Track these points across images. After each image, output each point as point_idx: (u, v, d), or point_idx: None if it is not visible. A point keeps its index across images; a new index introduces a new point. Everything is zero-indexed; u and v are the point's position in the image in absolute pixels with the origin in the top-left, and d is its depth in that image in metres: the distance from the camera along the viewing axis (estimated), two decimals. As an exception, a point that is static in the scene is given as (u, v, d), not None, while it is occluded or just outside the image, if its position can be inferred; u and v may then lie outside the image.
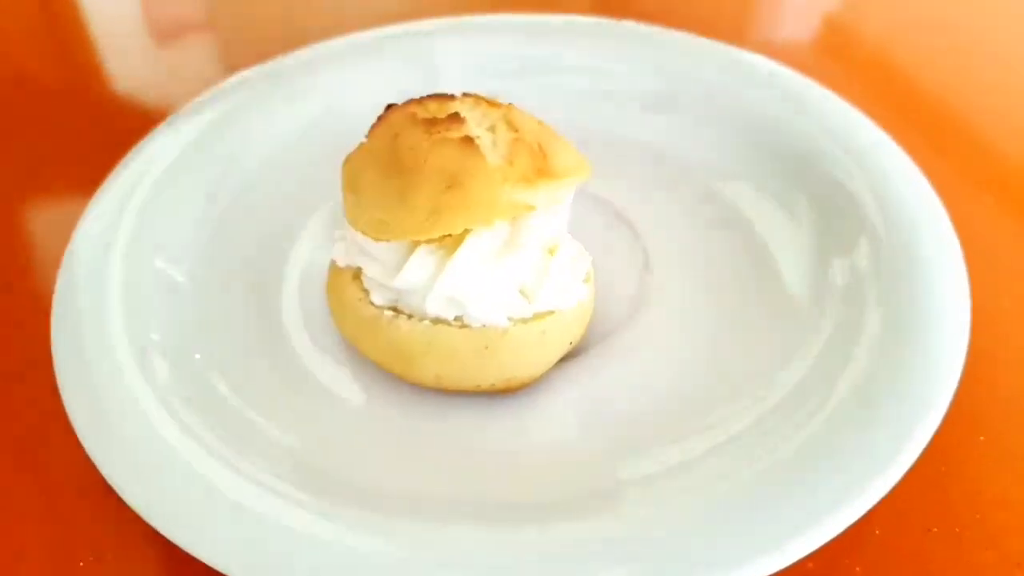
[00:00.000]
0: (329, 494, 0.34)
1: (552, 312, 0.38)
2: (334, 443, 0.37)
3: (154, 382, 0.37)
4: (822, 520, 0.31)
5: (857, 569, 0.34)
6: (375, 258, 0.37)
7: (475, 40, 0.55)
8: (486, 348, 0.37)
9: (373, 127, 0.38)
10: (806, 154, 0.47)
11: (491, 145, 0.36)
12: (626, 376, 0.40)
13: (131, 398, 0.36)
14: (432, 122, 0.36)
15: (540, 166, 0.35)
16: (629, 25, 0.56)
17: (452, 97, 0.38)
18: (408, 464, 0.37)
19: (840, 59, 0.66)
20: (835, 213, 0.44)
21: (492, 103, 0.38)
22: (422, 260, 0.36)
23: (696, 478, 0.35)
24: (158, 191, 0.46)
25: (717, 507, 0.32)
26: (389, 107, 0.40)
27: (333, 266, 0.41)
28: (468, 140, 0.35)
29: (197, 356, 0.39)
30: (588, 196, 0.46)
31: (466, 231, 0.35)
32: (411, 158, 0.35)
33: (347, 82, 0.54)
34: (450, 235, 0.35)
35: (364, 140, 0.39)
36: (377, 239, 0.36)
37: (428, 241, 0.36)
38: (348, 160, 0.39)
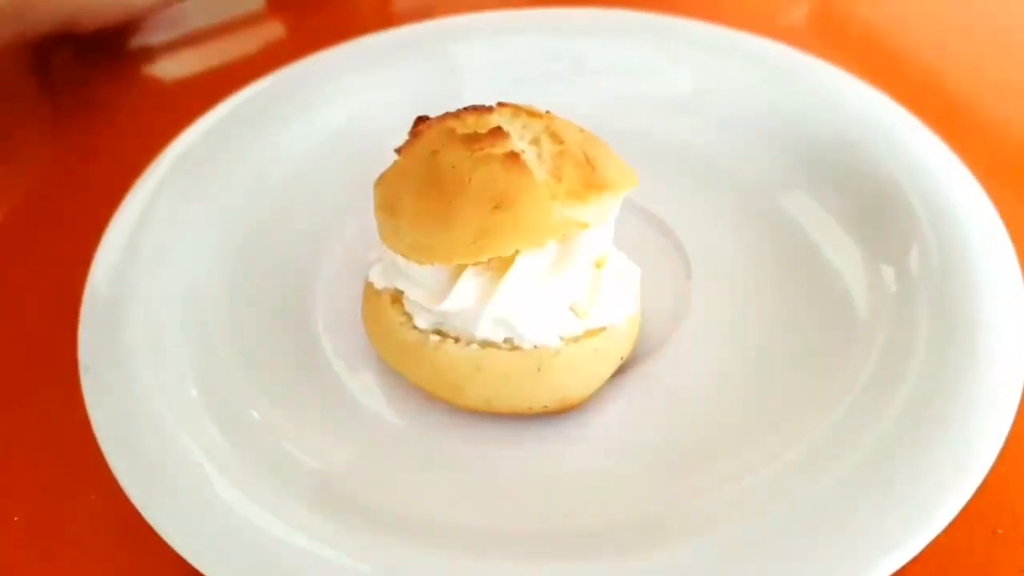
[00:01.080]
0: (371, 526, 0.34)
1: (603, 328, 0.37)
2: (376, 472, 0.36)
3: (202, 436, 0.36)
4: (889, 551, 0.30)
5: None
6: (418, 281, 0.36)
7: (497, 39, 0.53)
8: (539, 370, 0.35)
9: (407, 144, 0.37)
10: (851, 157, 0.46)
11: (536, 160, 0.34)
12: (676, 392, 0.39)
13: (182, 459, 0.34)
14: (473, 138, 0.34)
15: (589, 179, 0.34)
16: (663, 20, 0.54)
17: (490, 109, 0.36)
18: (453, 493, 0.36)
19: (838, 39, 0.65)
20: (885, 220, 0.42)
21: (532, 112, 0.36)
22: (470, 283, 0.35)
23: (750, 504, 0.33)
24: (173, 224, 0.44)
25: (775, 534, 0.32)
26: (420, 120, 0.38)
27: (369, 289, 0.39)
28: (513, 156, 0.33)
29: (255, 414, 0.38)
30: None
31: (515, 252, 0.34)
32: (453, 177, 0.34)
33: (364, 90, 0.52)
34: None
35: (397, 158, 0.37)
36: (420, 263, 0.35)
37: (475, 263, 0.34)
38: (382, 180, 0.37)
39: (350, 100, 0.51)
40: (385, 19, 0.58)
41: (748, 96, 0.50)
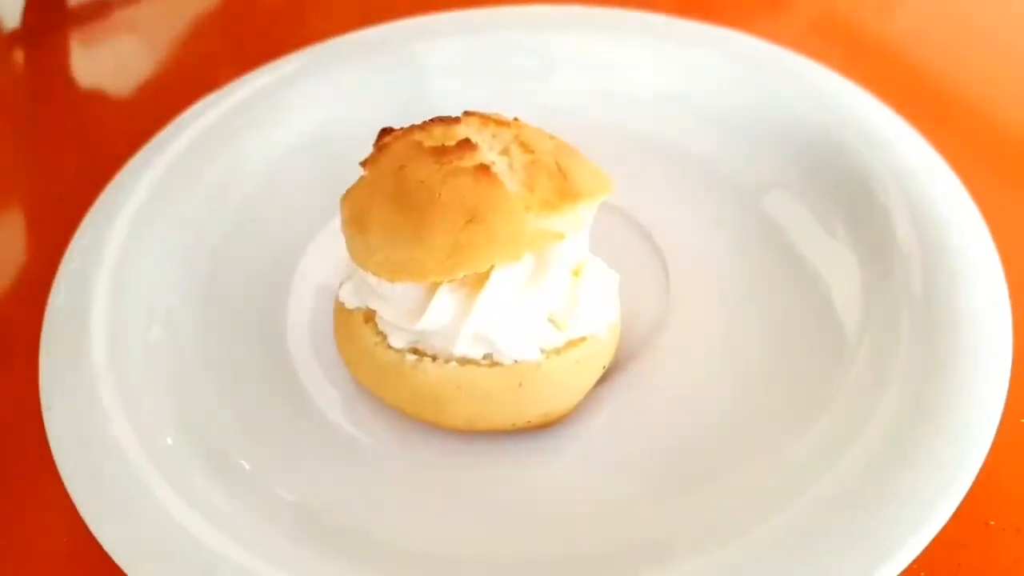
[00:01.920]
0: (352, 553, 0.33)
1: (585, 338, 0.36)
2: (355, 498, 0.35)
3: (163, 460, 0.34)
4: (884, 559, 0.29)
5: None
6: (390, 300, 0.35)
7: (466, 37, 0.52)
8: (520, 385, 0.35)
9: (372, 158, 0.36)
10: (834, 157, 0.45)
11: (508, 171, 0.33)
12: (659, 399, 0.38)
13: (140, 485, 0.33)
14: (441, 151, 0.33)
15: (562, 188, 0.33)
16: (641, 17, 0.52)
17: (457, 120, 0.35)
18: (437, 516, 0.35)
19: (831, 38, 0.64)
20: (868, 222, 0.42)
21: (500, 121, 0.35)
22: (445, 300, 0.34)
23: (742, 513, 0.33)
24: (139, 234, 0.42)
25: (767, 544, 0.31)
26: (385, 132, 0.37)
27: (340, 308, 0.38)
28: (484, 168, 0.32)
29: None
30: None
31: (491, 266, 0.33)
32: (423, 192, 0.33)
33: (329, 96, 0.50)
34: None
35: (363, 173, 0.36)
36: (392, 280, 0.34)
37: (449, 279, 0.33)
38: (348, 196, 0.36)
39: (314, 107, 0.50)
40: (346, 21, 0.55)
41: (727, 95, 0.49)
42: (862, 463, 0.33)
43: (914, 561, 0.30)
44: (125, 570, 0.30)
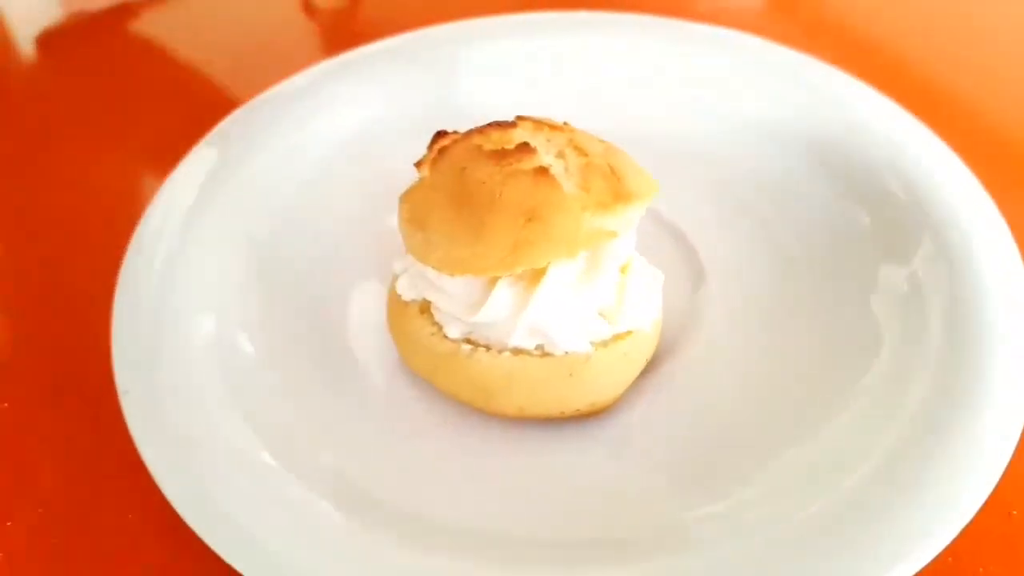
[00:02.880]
0: (409, 533, 0.34)
1: (630, 332, 0.38)
2: (407, 478, 0.37)
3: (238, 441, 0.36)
4: (914, 549, 0.31)
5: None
6: (449, 293, 0.37)
7: (505, 42, 0.54)
8: (570, 375, 0.37)
9: (431, 160, 0.38)
10: (861, 161, 0.47)
11: (564, 173, 0.35)
12: (695, 391, 0.40)
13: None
14: (501, 154, 0.35)
15: (616, 189, 0.35)
16: (678, 25, 0.55)
17: (513, 124, 0.37)
18: (490, 499, 0.36)
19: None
20: (896, 224, 0.44)
21: (554, 126, 0.37)
22: (504, 293, 0.36)
23: (776, 503, 0.35)
24: (188, 242, 0.44)
25: (800, 535, 0.33)
26: (439, 135, 0.39)
27: (395, 300, 0.40)
28: (542, 171, 0.34)
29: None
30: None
31: (547, 263, 0.35)
32: (484, 193, 0.35)
33: (376, 94, 0.53)
34: (529, 267, 0.35)
35: (419, 172, 0.38)
36: (453, 275, 0.36)
37: (508, 274, 0.35)
38: (408, 196, 0.38)
39: (362, 105, 0.52)
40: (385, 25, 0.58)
41: (757, 100, 0.51)
42: (889, 459, 0.35)
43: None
44: (191, 525, 0.33)
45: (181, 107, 0.61)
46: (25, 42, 0.69)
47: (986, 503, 0.33)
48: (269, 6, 0.73)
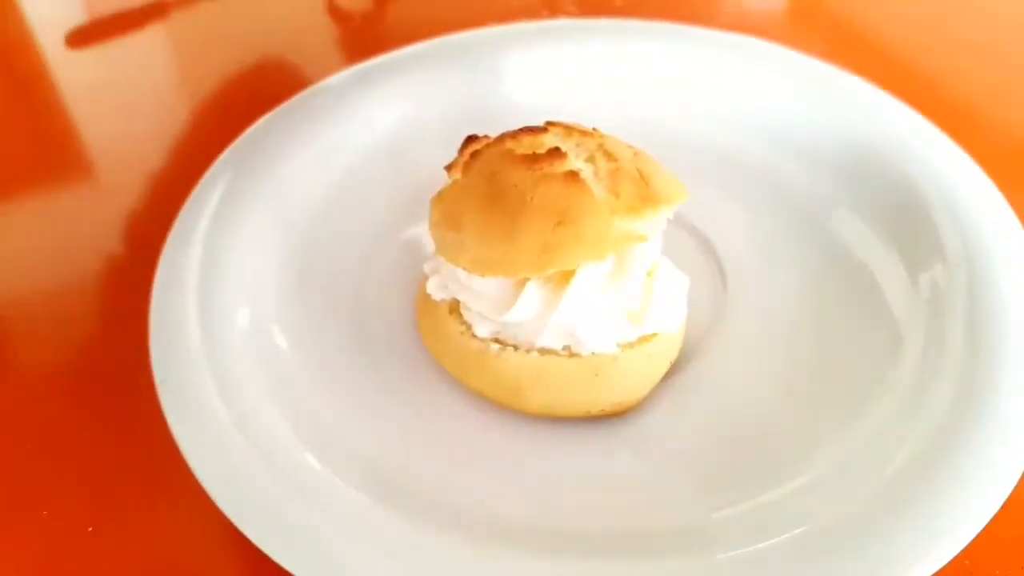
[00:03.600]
0: (439, 525, 0.35)
1: (656, 334, 0.39)
2: (437, 472, 0.38)
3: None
4: (932, 550, 0.32)
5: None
6: (480, 293, 0.38)
7: (539, 48, 0.56)
8: (596, 376, 0.37)
9: (464, 164, 0.39)
10: (886, 170, 0.48)
11: (594, 177, 0.36)
12: (719, 392, 0.41)
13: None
14: (532, 158, 0.36)
15: (644, 194, 0.36)
16: (710, 34, 0.56)
17: (544, 129, 0.38)
18: (505, 488, 0.37)
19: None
20: (918, 231, 0.44)
21: (583, 132, 0.38)
22: (533, 294, 0.36)
23: (797, 504, 0.35)
24: (223, 239, 0.45)
25: (822, 536, 0.33)
26: (471, 139, 0.40)
27: (425, 299, 0.41)
28: (573, 175, 0.35)
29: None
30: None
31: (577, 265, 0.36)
32: (516, 196, 0.35)
33: (409, 96, 0.54)
34: (559, 268, 0.36)
35: (449, 175, 0.39)
36: (484, 276, 0.37)
37: (538, 276, 0.36)
38: (440, 198, 0.39)
39: (394, 107, 0.53)
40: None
41: (782, 110, 0.52)
42: (909, 463, 0.35)
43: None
44: (226, 513, 0.34)
45: (214, 108, 0.62)
46: (50, 44, 0.70)
47: (1004, 507, 0.34)
48: (297, 8, 0.74)
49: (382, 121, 0.53)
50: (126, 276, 0.49)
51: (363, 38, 0.71)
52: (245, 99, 0.62)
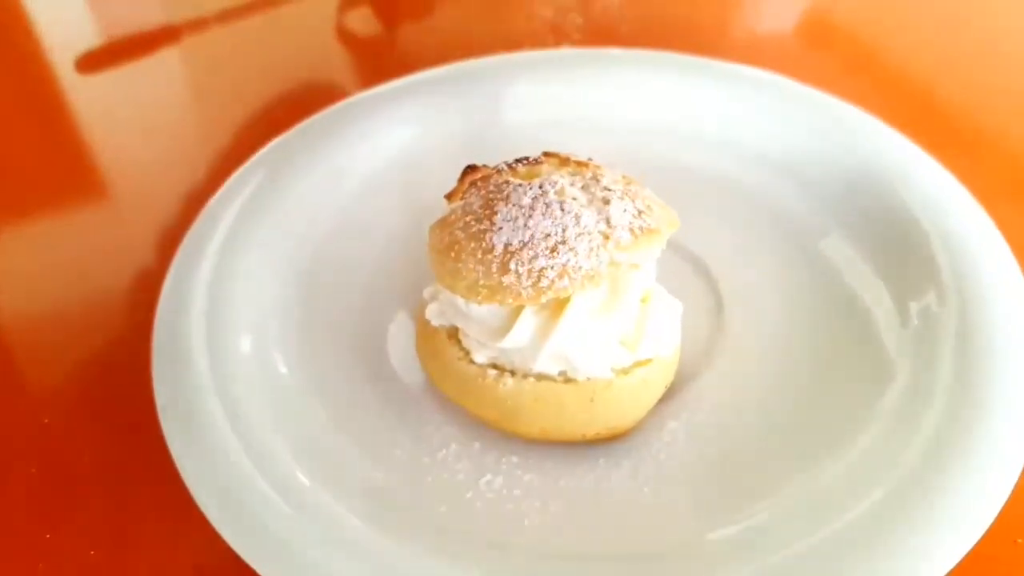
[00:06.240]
0: (434, 546, 0.36)
1: (650, 360, 0.39)
2: (431, 492, 0.39)
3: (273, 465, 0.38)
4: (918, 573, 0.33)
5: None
6: (477, 320, 0.39)
7: (537, 76, 0.57)
8: (591, 400, 0.38)
9: (462, 193, 0.39)
10: (877, 198, 0.49)
11: (587, 207, 0.37)
12: (712, 417, 0.42)
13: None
14: (528, 189, 0.37)
15: (637, 225, 0.37)
16: (701, 62, 0.57)
17: (539, 161, 0.39)
18: (502, 510, 0.38)
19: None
20: (908, 259, 0.45)
21: (578, 163, 0.39)
22: (528, 321, 0.37)
23: (789, 526, 0.36)
24: (229, 263, 0.46)
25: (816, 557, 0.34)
26: (469, 169, 0.41)
27: (425, 325, 0.42)
28: (567, 205, 0.36)
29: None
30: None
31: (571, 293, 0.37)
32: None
33: (417, 119, 0.55)
34: (554, 296, 0.37)
35: (449, 204, 0.40)
36: (480, 303, 0.38)
37: (533, 304, 0.37)
38: (439, 226, 0.40)
39: (403, 132, 0.55)
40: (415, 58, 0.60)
41: (775, 137, 0.53)
42: (898, 486, 0.36)
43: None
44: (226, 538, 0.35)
45: (222, 133, 0.63)
46: (64, 67, 0.72)
47: (990, 531, 0.35)
48: (307, 33, 0.75)
49: (387, 149, 0.54)
50: (133, 299, 0.50)
51: (372, 63, 0.72)
52: (253, 124, 0.63)
